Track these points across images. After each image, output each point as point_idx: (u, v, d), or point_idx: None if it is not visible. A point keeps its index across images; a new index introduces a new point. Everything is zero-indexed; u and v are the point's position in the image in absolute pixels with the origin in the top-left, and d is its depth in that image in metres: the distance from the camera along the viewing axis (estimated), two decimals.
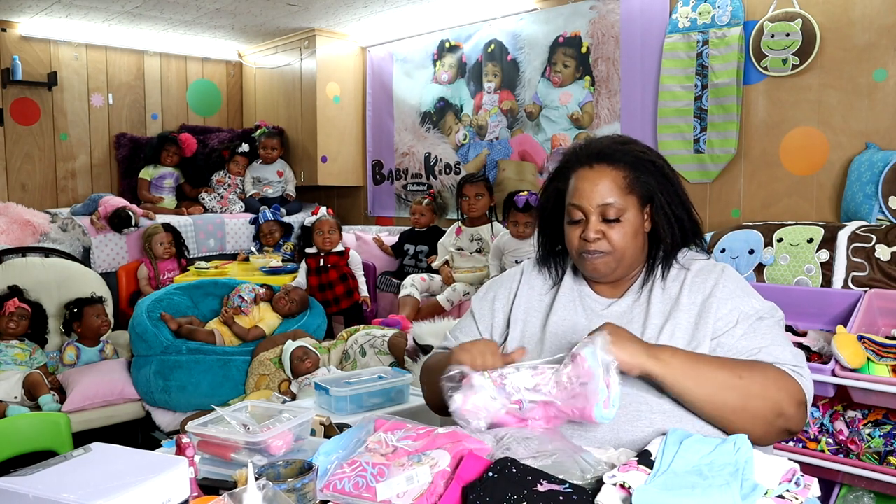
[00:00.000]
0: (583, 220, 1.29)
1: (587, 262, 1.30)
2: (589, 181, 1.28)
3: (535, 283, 1.43)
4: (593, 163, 1.30)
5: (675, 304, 1.26)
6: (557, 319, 1.34)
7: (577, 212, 1.29)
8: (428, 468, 1.03)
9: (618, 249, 1.27)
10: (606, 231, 1.27)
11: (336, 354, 3.05)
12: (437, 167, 4.62)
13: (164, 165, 4.70)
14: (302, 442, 1.26)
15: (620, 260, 1.29)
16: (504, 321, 1.42)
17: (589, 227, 1.27)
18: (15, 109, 4.59)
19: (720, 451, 1.01)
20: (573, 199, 1.30)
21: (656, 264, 1.32)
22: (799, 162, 2.98)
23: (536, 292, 1.41)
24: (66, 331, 3.48)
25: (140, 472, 0.89)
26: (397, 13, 4.34)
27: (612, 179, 1.27)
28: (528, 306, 1.40)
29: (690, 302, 1.26)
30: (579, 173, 1.31)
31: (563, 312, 1.34)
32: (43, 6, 4.18)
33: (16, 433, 1.93)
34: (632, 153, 1.30)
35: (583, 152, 1.33)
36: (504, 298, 1.44)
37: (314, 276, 3.81)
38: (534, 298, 1.41)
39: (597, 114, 3.71)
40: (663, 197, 1.29)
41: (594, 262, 1.28)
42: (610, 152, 1.30)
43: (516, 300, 1.41)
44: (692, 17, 3.21)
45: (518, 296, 1.42)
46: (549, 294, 1.40)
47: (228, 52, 5.45)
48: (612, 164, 1.28)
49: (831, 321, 2.34)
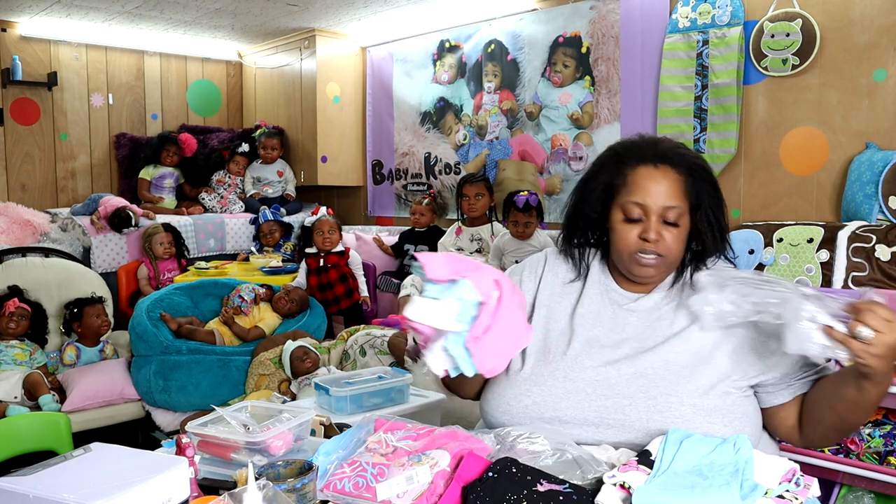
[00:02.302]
0: (641, 220, 1.26)
1: (640, 264, 1.27)
2: (654, 181, 1.25)
3: (559, 271, 1.41)
4: (658, 163, 1.26)
5: None
6: (585, 312, 1.33)
7: (637, 210, 1.25)
8: (428, 468, 1.03)
9: (671, 254, 1.26)
10: (664, 234, 1.25)
11: (336, 354, 3.05)
12: (437, 167, 4.62)
13: (164, 165, 4.70)
14: (302, 442, 1.26)
15: (670, 265, 1.29)
16: (530, 305, 1.40)
17: (650, 228, 1.24)
18: (15, 109, 4.59)
19: (720, 451, 1.01)
20: (634, 197, 1.25)
21: (686, 266, 1.32)
22: (799, 162, 2.98)
23: (560, 279, 1.40)
24: (66, 331, 3.48)
25: (140, 472, 0.89)
26: (397, 13, 4.34)
27: (675, 182, 1.25)
28: (552, 292, 1.39)
29: None
30: (641, 171, 1.27)
31: (591, 305, 1.33)
32: (43, 6, 4.18)
33: (16, 433, 1.93)
34: (689, 157, 1.29)
35: (647, 150, 1.29)
36: (530, 282, 1.42)
37: (314, 276, 3.81)
38: (557, 285, 1.39)
39: (597, 114, 3.71)
40: (709, 205, 1.28)
41: (648, 262, 1.26)
42: (672, 155, 1.28)
43: (541, 284, 1.40)
44: (692, 17, 3.21)
45: (543, 280, 1.40)
46: (574, 285, 1.38)
47: (228, 52, 5.45)
48: (675, 167, 1.26)
49: None
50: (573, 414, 1.22)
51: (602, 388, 1.23)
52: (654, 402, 1.18)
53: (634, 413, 1.19)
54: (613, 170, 1.30)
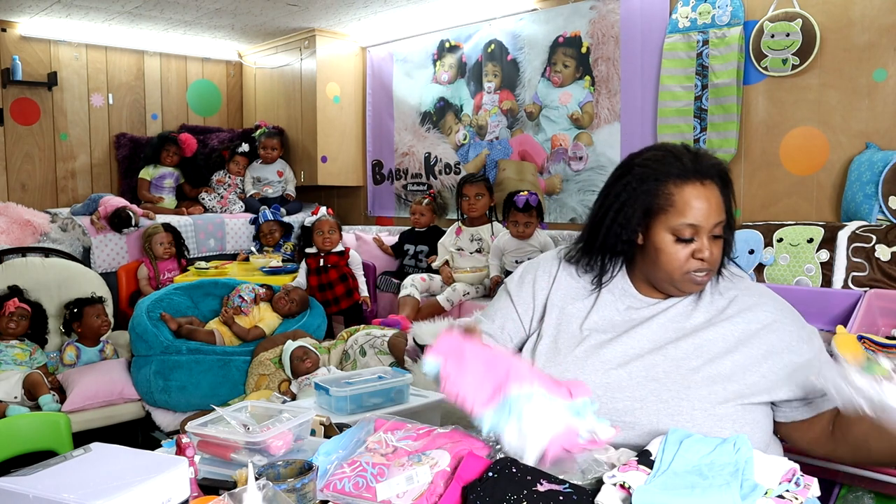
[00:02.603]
0: (694, 239, 1.24)
1: (694, 281, 1.25)
2: (705, 199, 1.22)
3: (573, 272, 1.40)
4: (703, 180, 1.24)
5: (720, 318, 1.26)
6: (598, 317, 1.32)
7: (689, 230, 1.23)
8: (428, 468, 1.03)
9: (717, 265, 1.27)
10: (713, 248, 1.24)
11: (336, 354, 3.05)
12: (437, 167, 4.62)
13: (164, 165, 4.70)
14: (302, 442, 1.26)
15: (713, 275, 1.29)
16: (542, 305, 1.39)
17: (704, 247, 1.23)
18: (15, 109, 4.59)
19: (720, 450, 1.01)
20: (689, 219, 1.22)
21: None
22: (799, 162, 2.98)
23: (575, 281, 1.38)
24: (66, 331, 3.48)
25: (140, 472, 0.89)
26: (397, 13, 4.34)
27: (717, 197, 1.24)
28: (566, 293, 1.37)
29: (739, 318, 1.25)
30: (689, 189, 1.23)
31: (606, 310, 1.33)
32: (43, 6, 4.18)
33: (16, 433, 1.93)
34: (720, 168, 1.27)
35: (689, 166, 1.24)
36: (543, 281, 1.41)
37: (314, 276, 3.81)
38: (572, 287, 1.38)
39: (597, 114, 3.71)
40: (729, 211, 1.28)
41: (703, 280, 1.26)
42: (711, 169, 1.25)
43: (555, 285, 1.39)
44: (692, 17, 3.21)
45: (557, 281, 1.39)
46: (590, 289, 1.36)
47: (228, 52, 5.45)
48: (716, 181, 1.25)
49: (831, 321, 2.34)
50: None
51: (613, 390, 1.22)
52: (666, 406, 1.18)
53: (645, 416, 1.18)
54: (654, 189, 1.25)
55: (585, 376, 1.24)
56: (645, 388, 1.21)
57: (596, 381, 1.23)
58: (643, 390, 1.20)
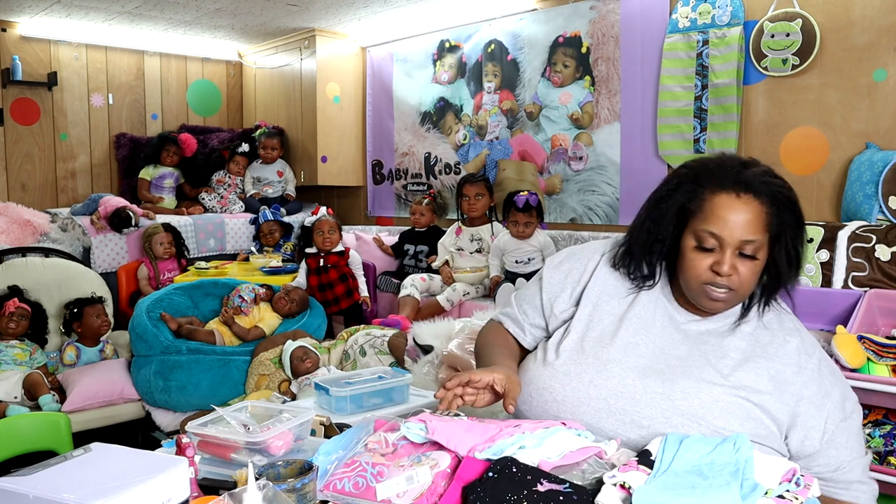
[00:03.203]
0: (716, 250, 1.18)
1: (710, 296, 1.20)
2: (734, 212, 1.16)
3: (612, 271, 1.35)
4: (741, 192, 1.17)
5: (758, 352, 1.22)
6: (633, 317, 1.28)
7: (711, 240, 1.18)
8: (428, 468, 1.03)
9: (744, 287, 1.19)
10: (738, 266, 1.17)
11: (336, 354, 3.05)
12: (437, 167, 4.62)
13: (164, 165, 4.70)
14: (302, 442, 1.26)
15: (741, 298, 1.22)
16: (571, 297, 1.35)
17: (724, 260, 1.16)
18: (15, 109, 4.59)
19: (720, 450, 1.01)
20: (711, 227, 1.17)
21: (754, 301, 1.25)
22: (799, 162, 2.98)
23: (614, 280, 1.33)
24: (66, 331, 3.48)
25: (140, 472, 0.89)
26: (397, 13, 4.34)
27: (756, 215, 1.16)
28: (602, 290, 1.33)
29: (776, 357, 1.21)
30: (721, 199, 1.17)
31: (643, 314, 1.28)
32: (43, 6, 4.18)
33: (16, 433, 1.93)
34: (774, 186, 1.19)
35: (730, 175, 1.18)
36: (577, 274, 1.37)
37: (314, 276, 3.81)
38: (610, 284, 1.33)
39: (597, 114, 3.71)
40: (789, 236, 1.19)
41: (719, 297, 1.19)
42: (757, 183, 1.17)
43: (591, 280, 1.34)
44: (692, 17, 3.21)
45: (595, 276, 1.34)
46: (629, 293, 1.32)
47: (228, 52, 5.45)
48: (758, 196, 1.17)
49: (831, 321, 2.34)
50: (589, 422, 1.19)
51: (624, 400, 1.18)
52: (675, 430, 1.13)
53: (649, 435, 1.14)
54: (690, 191, 1.21)
55: (603, 380, 1.21)
56: (657, 408, 1.16)
57: (610, 388, 1.20)
58: (654, 409, 1.16)
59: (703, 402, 1.15)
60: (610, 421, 1.18)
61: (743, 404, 1.15)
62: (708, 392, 1.16)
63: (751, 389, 1.17)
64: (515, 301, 1.45)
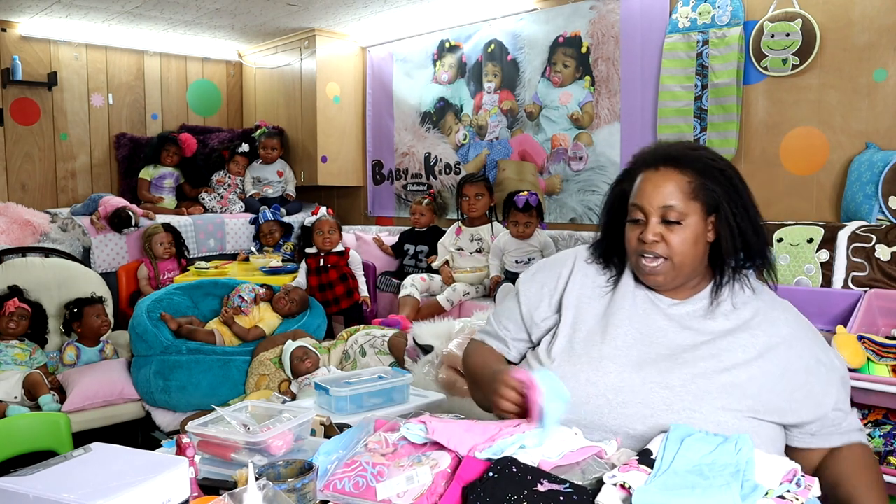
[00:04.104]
0: (642, 221, 1.27)
1: (644, 266, 1.27)
2: (652, 182, 1.26)
3: (589, 272, 1.39)
4: (660, 165, 1.27)
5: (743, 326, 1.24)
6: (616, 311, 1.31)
7: (637, 212, 1.27)
8: (428, 468, 1.03)
9: (677, 255, 1.24)
10: (665, 234, 1.24)
11: (336, 354, 3.05)
12: (437, 167, 4.62)
13: (164, 165, 4.70)
14: (302, 442, 1.26)
15: (678, 267, 1.25)
16: (551, 306, 1.39)
17: (648, 229, 1.25)
18: (15, 109, 4.59)
19: (721, 450, 1.01)
20: (635, 199, 1.28)
21: (724, 280, 1.29)
22: (799, 162, 2.98)
23: (591, 281, 1.38)
24: (66, 331, 3.48)
25: (140, 472, 0.89)
26: (397, 13, 4.34)
27: (676, 183, 1.24)
28: (581, 293, 1.36)
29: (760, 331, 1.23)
30: (645, 175, 1.28)
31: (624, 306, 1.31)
32: (43, 6, 4.18)
33: (16, 433, 1.93)
34: (701, 159, 1.27)
35: (650, 155, 1.31)
36: (553, 283, 1.40)
37: (314, 276, 3.81)
38: (588, 287, 1.37)
39: (597, 114, 3.71)
40: (729, 208, 1.24)
41: (650, 265, 1.26)
42: (678, 156, 1.27)
43: (568, 286, 1.38)
44: (692, 17, 3.21)
45: (571, 282, 1.38)
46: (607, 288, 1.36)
47: (228, 52, 5.45)
48: (679, 167, 1.25)
49: (831, 321, 2.34)
50: (593, 420, 1.20)
51: (624, 394, 1.20)
52: (678, 416, 1.15)
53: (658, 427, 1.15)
54: (628, 178, 1.33)
55: (599, 377, 1.22)
56: (657, 396, 1.18)
57: (609, 384, 1.21)
58: (655, 398, 1.18)
59: (700, 386, 1.18)
60: (613, 416, 1.19)
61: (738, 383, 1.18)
62: (703, 375, 1.19)
63: (742, 366, 1.20)
64: (494, 319, 1.49)
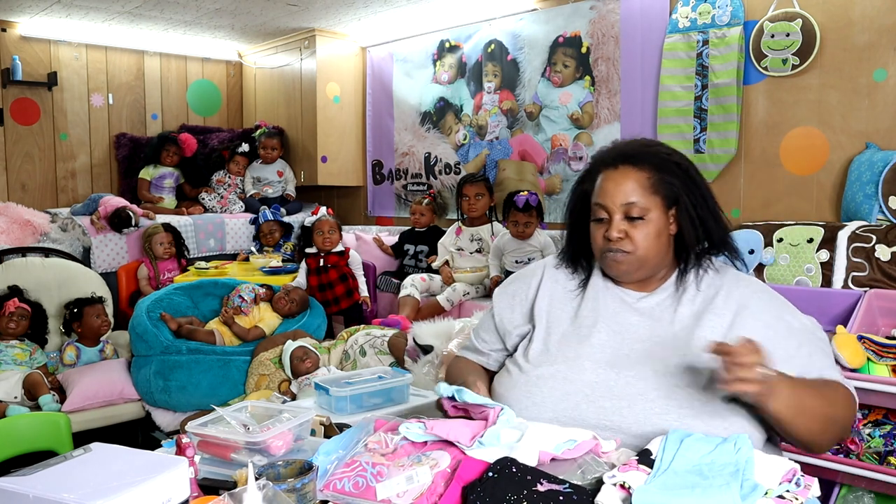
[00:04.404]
0: (606, 220, 1.31)
1: (610, 262, 1.32)
2: (613, 181, 1.31)
3: (559, 278, 1.44)
4: (618, 164, 1.32)
5: (709, 306, 1.28)
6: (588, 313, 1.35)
7: (601, 211, 1.32)
8: (428, 468, 1.03)
9: (641, 249, 1.29)
10: (629, 230, 1.29)
11: (336, 354, 3.05)
12: (437, 167, 4.62)
13: (164, 165, 4.70)
14: (302, 442, 1.26)
15: (643, 261, 1.30)
16: (523, 315, 1.43)
17: (612, 227, 1.29)
18: (15, 109, 4.59)
19: (721, 450, 1.01)
20: (597, 199, 1.32)
21: (689, 267, 1.33)
22: (799, 162, 2.98)
23: (562, 286, 1.42)
24: (66, 331, 3.48)
25: (140, 472, 0.89)
26: (397, 13, 4.34)
27: (635, 180, 1.29)
28: (552, 299, 1.41)
29: (725, 307, 1.27)
30: (605, 174, 1.33)
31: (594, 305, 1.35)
32: (43, 6, 4.18)
33: (16, 433, 1.93)
34: (657, 155, 1.32)
35: (608, 154, 1.35)
36: (523, 292, 1.45)
37: (314, 276, 3.81)
38: (558, 292, 1.41)
39: (597, 114, 3.71)
40: (688, 199, 1.30)
41: (617, 260, 1.30)
42: (634, 153, 1.32)
43: (539, 294, 1.42)
44: (692, 17, 3.21)
45: (541, 290, 1.42)
46: (577, 290, 1.41)
47: (228, 52, 5.45)
48: (637, 165, 1.30)
49: (831, 321, 2.34)
50: (572, 415, 1.23)
51: (601, 389, 1.23)
52: (653, 405, 1.18)
53: (632, 416, 1.19)
54: (588, 178, 1.38)
55: (576, 374, 1.26)
56: (633, 388, 1.21)
57: (585, 380, 1.25)
58: (631, 389, 1.21)
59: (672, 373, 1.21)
60: (591, 410, 1.22)
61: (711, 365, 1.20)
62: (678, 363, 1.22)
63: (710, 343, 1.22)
64: (473, 333, 1.56)
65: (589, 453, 1.09)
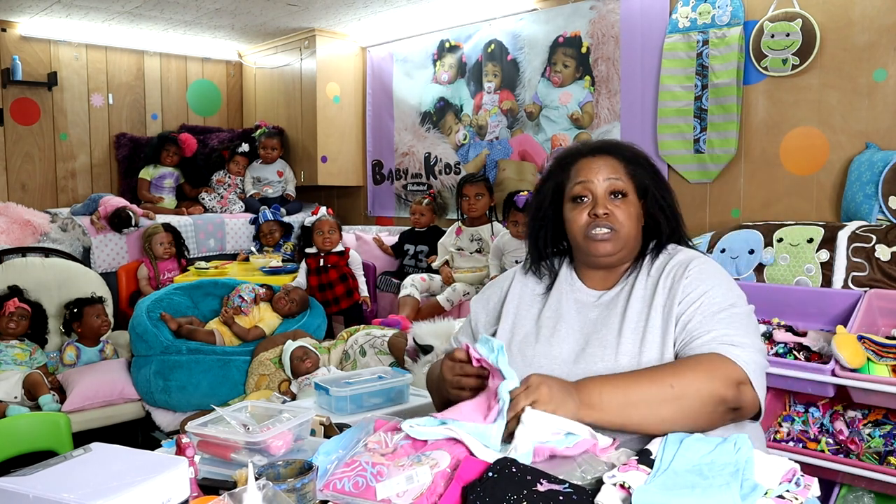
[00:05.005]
0: (589, 200, 1.33)
1: (595, 241, 1.32)
2: (594, 164, 1.35)
3: (528, 282, 1.47)
4: (595, 153, 1.37)
5: (654, 289, 1.30)
6: (550, 314, 1.38)
7: (583, 190, 1.33)
8: (428, 468, 1.03)
9: (624, 227, 1.31)
10: (612, 209, 1.31)
11: (336, 354, 3.05)
12: (437, 167, 4.62)
13: (164, 165, 4.70)
14: (302, 442, 1.26)
15: (626, 240, 1.33)
16: (493, 316, 1.48)
17: (598, 204, 1.31)
18: (15, 109, 4.59)
19: (721, 450, 1.01)
20: (579, 179, 1.34)
21: (646, 254, 1.37)
22: (799, 162, 2.98)
23: (530, 290, 1.46)
24: (66, 331, 3.48)
25: (140, 472, 0.89)
26: (397, 13, 4.34)
27: (614, 164, 1.34)
28: (520, 301, 1.44)
29: (664, 285, 1.29)
30: (581, 162, 1.36)
31: (556, 306, 1.39)
32: (43, 6, 4.18)
33: (16, 433, 1.93)
34: (629, 149, 1.38)
35: (584, 148, 1.40)
36: (496, 296, 1.50)
37: (314, 276, 3.81)
38: (527, 296, 1.45)
39: (597, 114, 3.71)
40: (657, 192, 1.36)
41: (603, 238, 1.31)
42: (607, 146, 1.38)
43: (508, 296, 1.46)
44: (692, 17, 3.21)
45: (510, 293, 1.46)
46: (543, 294, 1.44)
47: (228, 52, 5.45)
48: (611, 154, 1.36)
49: (831, 321, 2.34)
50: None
51: None
52: None
53: None
54: (558, 173, 1.40)
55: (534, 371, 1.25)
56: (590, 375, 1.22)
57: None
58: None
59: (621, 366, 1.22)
60: None
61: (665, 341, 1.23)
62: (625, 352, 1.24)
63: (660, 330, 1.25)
64: (453, 339, 1.59)
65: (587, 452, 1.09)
